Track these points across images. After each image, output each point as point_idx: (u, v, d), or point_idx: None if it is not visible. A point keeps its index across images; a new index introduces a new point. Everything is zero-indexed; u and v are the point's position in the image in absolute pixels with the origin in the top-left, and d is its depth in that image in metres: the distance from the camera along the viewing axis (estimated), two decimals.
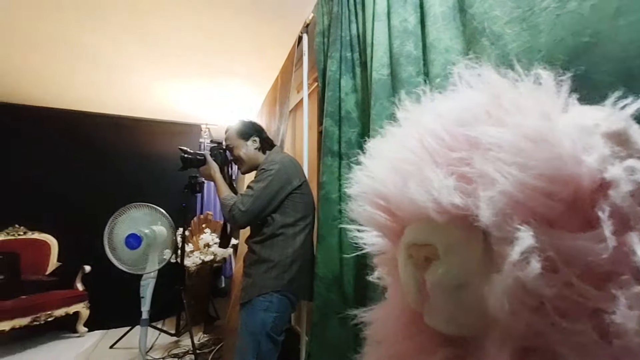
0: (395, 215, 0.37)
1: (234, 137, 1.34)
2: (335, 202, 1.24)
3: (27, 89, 2.72)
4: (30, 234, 2.77)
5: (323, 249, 1.22)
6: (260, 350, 1.10)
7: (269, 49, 2.05)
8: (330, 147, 1.25)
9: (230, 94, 2.89)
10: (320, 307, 1.20)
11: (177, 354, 2.28)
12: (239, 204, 1.16)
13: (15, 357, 2.22)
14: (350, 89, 1.25)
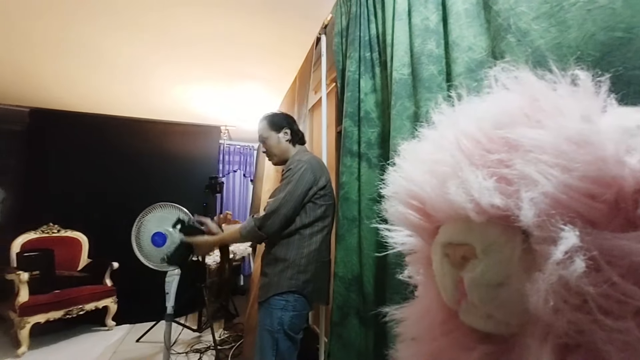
0: (429, 216, 0.37)
1: (266, 129, 1.33)
2: (354, 202, 1.24)
3: (57, 94, 2.88)
4: (64, 232, 2.93)
5: (342, 249, 1.23)
6: (279, 348, 1.11)
7: (287, 51, 2.08)
8: (349, 147, 1.26)
9: (249, 96, 2.95)
10: (340, 307, 1.21)
11: (199, 349, 2.35)
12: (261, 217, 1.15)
13: (50, 348, 2.36)
14: (370, 89, 1.25)
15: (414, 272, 0.46)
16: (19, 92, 2.82)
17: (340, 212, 1.24)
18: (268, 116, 1.37)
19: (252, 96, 2.94)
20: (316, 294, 1.21)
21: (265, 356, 1.11)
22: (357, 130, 1.26)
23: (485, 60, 0.77)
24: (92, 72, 2.43)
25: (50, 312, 2.37)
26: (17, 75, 2.48)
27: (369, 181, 1.23)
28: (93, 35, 1.92)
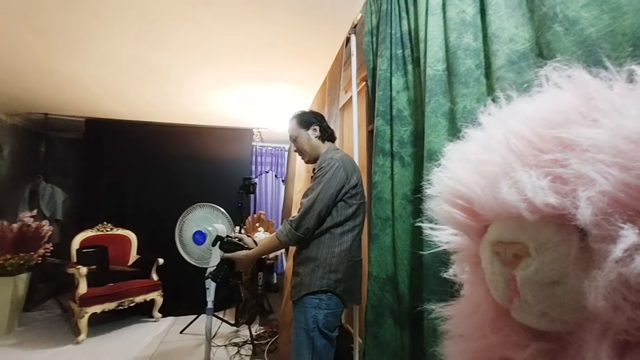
0: (477, 215, 0.38)
1: (296, 128, 1.34)
2: (387, 201, 1.23)
3: (108, 105, 3.15)
4: (116, 230, 3.20)
5: (376, 248, 1.23)
6: (315, 346, 1.12)
7: (317, 52, 2.10)
8: (382, 146, 1.25)
9: (279, 98, 3.02)
10: (375, 306, 1.21)
11: (237, 343, 2.45)
12: (294, 219, 1.17)
13: (104, 337, 2.59)
14: (402, 87, 1.23)
15: (460, 270, 0.46)
16: (76, 104, 3.13)
17: (373, 212, 1.23)
18: (297, 115, 1.38)
19: (283, 98, 3.01)
20: (348, 294, 1.20)
21: (302, 354, 1.13)
22: (389, 129, 1.25)
23: (528, 51, 0.73)
24: (138, 83, 2.63)
25: (105, 304, 2.60)
26: (75, 88, 2.75)
27: (402, 180, 1.21)
28: (141, 50, 2.08)
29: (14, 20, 1.76)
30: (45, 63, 2.29)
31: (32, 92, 2.86)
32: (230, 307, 3.10)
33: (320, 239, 1.18)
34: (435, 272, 0.94)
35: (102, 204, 3.34)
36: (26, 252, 2.67)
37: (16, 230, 2.67)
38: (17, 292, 2.66)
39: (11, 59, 2.23)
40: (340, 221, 1.19)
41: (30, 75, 2.50)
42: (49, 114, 3.39)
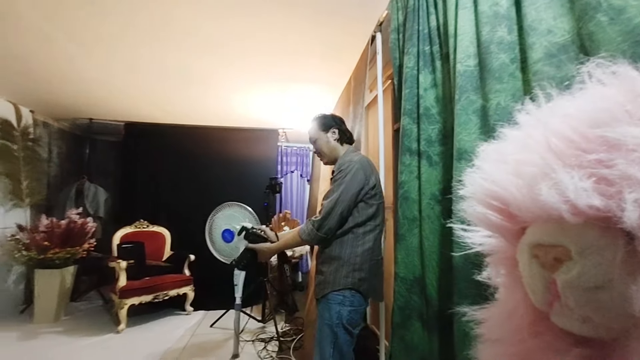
0: (513, 217, 0.36)
1: (315, 130, 1.39)
2: (414, 201, 1.21)
3: (145, 109, 3.34)
4: (151, 227, 3.39)
5: (403, 249, 1.21)
6: (337, 340, 1.14)
7: (342, 52, 2.10)
8: (408, 145, 1.23)
9: (304, 99, 3.05)
10: (402, 308, 1.19)
11: (263, 339, 2.51)
12: (316, 219, 1.19)
13: (142, 327, 2.75)
14: (430, 84, 1.20)
15: (494, 273, 0.45)
16: (116, 109, 3.35)
17: (400, 212, 1.21)
18: (317, 118, 1.41)
19: (308, 99, 3.04)
20: (371, 292, 1.23)
21: (324, 348, 1.16)
22: (416, 128, 1.23)
23: (568, 43, 0.69)
24: (172, 87, 2.77)
25: (143, 296, 2.76)
26: (115, 94, 2.95)
27: (429, 180, 1.18)
28: (175, 56, 2.19)
29: (60, 33, 1.92)
30: (88, 72, 2.48)
31: (78, 99, 3.09)
32: (257, 304, 3.18)
33: (343, 239, 1.21)
34: (467, 274, 0.91)
35: (139, 202, 3.56)
36: (72, 247, 2.90)
37: (64, 226, 2.90)
38: (64, 283, 2.90)
39: (58, 69, 2.43)
40: (362, 221, 1.21)
41: (75, 84, 2.72)
42: (93, 119, 3.66)
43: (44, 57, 2.23)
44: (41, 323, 2.78)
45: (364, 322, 2.42)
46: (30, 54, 2.19)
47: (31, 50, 2.14)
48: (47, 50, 2.13)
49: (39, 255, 2.74)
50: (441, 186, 1.15)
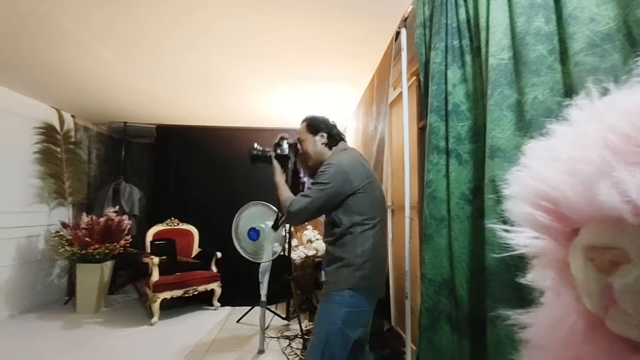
0: (564, 217, 0.34)
1: (304, 131, 1.37)
2: (442, 201, 1.17)
3: (175, 112, 3.48)
4: (181, 225, 3.54)
5: (430, 250, 1.18)
6: (329, 340, 1.12)
7: (365, 49, 2.08)
8: (436, 143, 1.19)
9: (327, 98, 3.05)
10: (430, 310, 1.16)
11: (288, 336, 2.54)
12: (294, 204, 1.21)
13: (173, 320, 2.88)
14: (459, 80, 1.16)
15: (541, 276, 0.42)
16: (149, 112, 3.53)
17: (427, 211, 1.18)
18: (307, 119, 1.40)
19: (330, 97, 3.03)
20: (374, 289, 1.21)
21: (316, 346, 1.15)
22: (444, 125, 1.19)
23: (613, 32, 0.64)
24: (200, 91, 2.87)
25: (174, 291, 2.89)
26: (147, 99, 3.10)
27: (459, 178, 1.15)
28: (202, 61, 2.27)
29: (99, 43, 2.04)
30: (123, 78, 2.62)
31: (114, 104, 3.29)
32: (281, 302, 3.23)
33: (343, 241, 1.20)
34: (501, 277, 0.87)
35: (170, 200, 3.73)
36: (111, 243, 3.09)
37: (102, 223, 3.10)
38: (103, 277, 3.09)
39: (97, 76, 2.59)
40: (359, 221, 1.19)
41: (112, 90, 2.88)
42: (128, 122, 3.87)
43: (85, 65, 2.38)
44: (83, 314, 2.98)
45: (388, 325, 2.39)
46: (72, 63, 2.35)
47: (73, 60, 2.29)
48: (87, 59, 2.27)
49: (80, 251, 2.94)
50: (471, 185, 1.11)
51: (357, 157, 1.26)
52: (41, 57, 2.25)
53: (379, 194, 1.26)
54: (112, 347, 2.33)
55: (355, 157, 1.26)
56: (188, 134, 3.87)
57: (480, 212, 1.06)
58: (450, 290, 1.15)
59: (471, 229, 1.11)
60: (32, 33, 1.93)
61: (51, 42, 2.04)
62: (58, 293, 3.44)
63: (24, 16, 1.76)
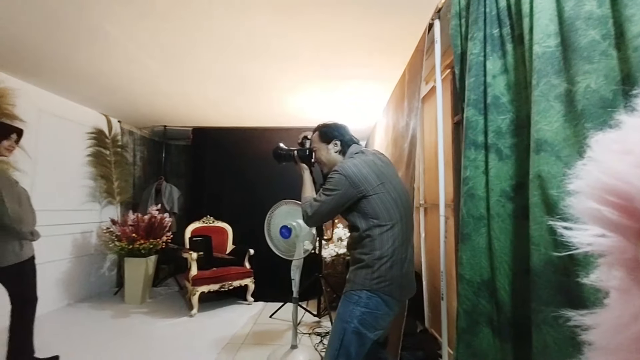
0: (635, 213, 0.32)
1: (317, 141, 1.39)
2: (481, 198, 1.12)
3: (210, 115, 3.64)
4: (216, 222, 3.70)
5: (468, 249, 1.13)
6: (345, 338, 1.13)
7: (396, 45, 2.03)
8: (473, 138, 1.14)
9: (354, 96, 3.02)
10: (468, 312, 1.12)
11: (319, 333, 2.57)
12: (307, 207, 1.25)
13: (210, 313, 3.03)
14: (499, 71, 1.10)
15: (607, 276, 0.39)
16: (186, 116, 3.72)
17: (464, 209, 1.14)
18: (319, 127, 1.40)
19: (358, 95, 3.01)
20: (393, 292, 1.17)
21: (332, 343, 1.16)
22: (482, 119, 1.14)
23: None
24: (233, 93, 2.98)
25: (211, 285, 3.04)
26: (185, 103, 3.28)
27: (499, 175, 1.09)
28: (235, 64, 2.36)
29: (143, 53, 2.19)
30: (164, 85, 2.79)
31: (155, 109, 3.51)
32: (312, 299, 3.27)
33: (362, 243, 1.19)
34: (548, 279, 0.82)
35: (206, 199, 3.91)
36: (154, 239, 3.31)
37: (147, 220, 3.32)
38: (148, 270, 3.32)
39: (141, 84, 2.78)
40: (376, 223, 1.17)
41: (153, 96, 3.08)
42: (167, 126, 4.11)
43: (130, 74, 2.57)
44: (130, 304, 3.23)
45: (422, 326, 2.33)
46: (119, 73, 2.54)
47: (120, 69, 2.48)
48: (132, 68, 2.45)
49: (128, 246, 3.18)
50: (513, 182, 1.05)
51: (366, 161, 1.24)
52: (92, 67, 2.46)
53: (396, 195, 1.22)
54: (157, 336, 2.50)
55: (365, 161, 1.24)
56: (221, 135, 4.03)
57: (523, 210, 1.01)
58: (491, 292, 1.10)
59: (513, 228, 1.05)
60: (84, 45, 2.12)
61: (101, 53, 2.22)
62: (108, 284, 3.75)
63: (76, 30, 1.93)
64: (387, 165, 1.32)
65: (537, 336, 0.86)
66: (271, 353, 2.20)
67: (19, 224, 1.72)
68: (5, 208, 1.67)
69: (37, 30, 1.92)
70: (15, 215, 1.71)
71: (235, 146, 3.98)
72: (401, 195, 1.24)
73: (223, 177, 3.94)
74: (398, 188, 1.25)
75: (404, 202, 1.24)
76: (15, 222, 1.70)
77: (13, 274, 1.77)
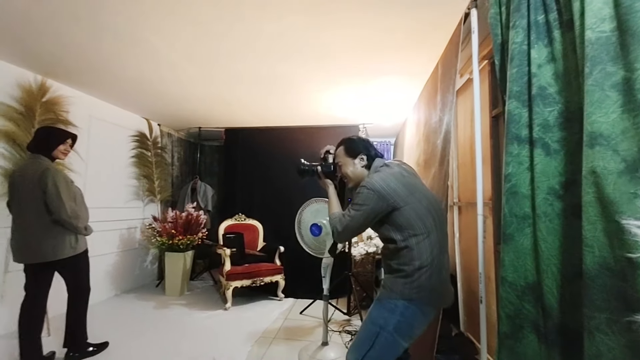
0: None
1: (342, 155, 1.36)
2: (525, 196, 1.06)
3: (241, 115, 3.76)
4: (248, 220, 3.82)
5: (511, 251, 1.07)
6: (377, 342, 1.11)
7: (428, 38, 1.97)
8: (516, 133, 1.08)
9: (386, 93, 2.97)
10: (511, 317, 1.06)
11: (350, 331, 2.57)
12: (337, 223, 1.24)
13: (243, 307, 3.13)
14: (545, 59, 1.03)
15: None
16: (218, 117, 3.87)
17: (507, 208, 1.08)
18: (344, 142, 1.39)
19: (389, 92, 2.95)
20: (432, 301, 1.15)
21: (362, 345, 1.14)
22: (526, 112, 1.07)
23: None
24: (264, 94, 3.05)
25: (243, 280, 3.14)
26: (218, 105, 3.41)
27: (546, 171, 1.02)
28: (264, 64, 2.41)
29: (181, 58, 2.30)
30: (199, 88, 2.92)
31: (191, 112, 3.68)
32: (342, 297, 3.27)
33: (400, 254, 1.16)
34: (603, 283, 0.76)
35: (238, 197, 4.04)
36: (191, 235, 3.48)
37: (184, 218, 3.51)
38: (185, 264, 3.50)
39: (177, 89, 2.93)
40: (412, 234, 1.14)
41: (189, 99, 3.23)
42: (202, 127, 4.30)
43: (169, 79, 2.71)
44: (170, 296, 3.43)
45: (457, 329, 2.25)
46: (160, 78, 2.70)
47: (161, 75, 2.63)
48: (171, 74, 2.59)
49: (168, 241, 3.38)
50: (563, 179, 0.98)
51: (393, 173, 1.22)
52: (136, 75, 2.63)
53: (427, 203, 1.19)
54: (196, 327, 2.63)
55: (392, 173, 1.22)
56: (252, 135, 4.14)
57: (574, 209, 0.94)
58: (537, 296, 1.04)
59: (562, 228, 0.98)
60: (131, 55, 2.27)
61: (145, 62, 2.37)
62: (150, 277, 4.01)
63: (124, 41, 2.07)
64: (413, 176, 1.30)
65: (589, 344, 0.80)
66: (302, 348, 2.23)
67: (75, 220, 1.89)
68: (64, 205, 1.84)
69: (89, 42, 2.09)
70: (72, 212, 1.88)
71: (265, 145, 4.07)
72: (432, 203, 1.21)
73: (253, 175, 4.05)
74: (428, 196, 1.23)
75: (436, 209, 1.21)
76: (72, 218, 1.87)
77: (69, 265, 1.95)
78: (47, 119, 2.64)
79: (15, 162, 2.41)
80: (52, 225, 1.86)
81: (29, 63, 2.42)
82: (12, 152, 2.41)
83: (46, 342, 2.03)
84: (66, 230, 1.90)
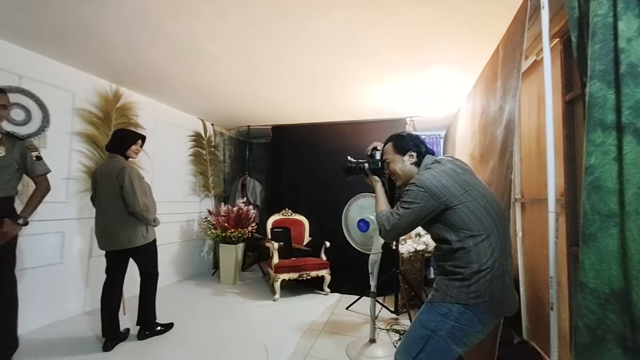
0: None
1: (391, 152, 1.32)
2: (611, 191, 0.92)
3: (286, 112, 3.84)
4: (294, 215, 3.92)
5: (593, 253, 0.94)
6: (428, 344, 1.07)
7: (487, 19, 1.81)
8: (600, 118, 0.94)
9: (434, 84, 2.80)
10: (591, 327, 0.93)
11: (397, 330, 2.50)
12: (384, 221, 1.20)
13: (290, 299, 3.23)
14: (636, 32, 0.88)
15: None
16: (265, 115, 4.01)
17: (588, 205, 0.95)
18: (393, 138, 1.34)
19: (438, 83, 2.78)
20: (491, 308, 1.06)
21: (411, 346, 1.10)
22: (613, 94, 0.93)
23: None
24: (309, 90, 3.08)
25: (290, 273, 3.23)
26: (265, 103, 3.53)
27: (638, 162, 0.88)
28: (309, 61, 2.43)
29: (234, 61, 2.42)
30: (248, 89, 3.05)
31: (241, 111, 3.87)
32: (389, 295, 3.20)
33: (455, 255, 1.09)
34: None
35: (284, 193, 4.16)
36: (241, 228, 3.68)
37: (235, 212, 3.71)
38: (237, 256, 3.71)
39: (229, 90, 3.09)
40: (468, 235, 1.06)
41: (239, 99, 3.40)
42: (250, 126, 4.50)
43: (223, 81, 2.88)
44: (224, 284, 3.67)
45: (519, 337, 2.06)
46: (215, 81, 2.87)
47: (215, 78, 2.80)
48: (225, 76, 2.74)
49: (221, 233, 3.61)
50: None
51: (445, 170, 1.14)
52: (194, 79, 2.83)
53: (485, 202, 1.10)
54: (248, 314, 2.78)
55: (444, 170, 1.14)
56: (298, 132, 4.22)
57: None
58: (624, 306, 0.90)
59: None
60: (190, 62, 2.46)
61: (202, 67, 2.54)
62: (207, 266, 4.33)
63: (184, 50, 2.24)
64: (468, 172, 1.20)
65: None
66: (349, 344, 2.23)
67: (147, 212, 2.11)
68: (137, 199, 2.06)
69: (156, 52, 2.30)
70: (144, 205, 2.10)
71: (311, 141, 4.12)
72: (491, 202, 1.12)
73: (299, 171, 4.13)
74: (486, 194, 1.13)
75: (495, 209, 1.11)
76: (144, 211, 2.09)
77: (141, 252, 2.18)
78: (121, 122, 2.97)
79: (96, 161, 2.76)
80: (127, 217, 2.09)
81: (105, 73, 2.74)
82: (93, 152, 2.77)
83: (122, 320, 2.30)
84: (138, 222, 2.12)
